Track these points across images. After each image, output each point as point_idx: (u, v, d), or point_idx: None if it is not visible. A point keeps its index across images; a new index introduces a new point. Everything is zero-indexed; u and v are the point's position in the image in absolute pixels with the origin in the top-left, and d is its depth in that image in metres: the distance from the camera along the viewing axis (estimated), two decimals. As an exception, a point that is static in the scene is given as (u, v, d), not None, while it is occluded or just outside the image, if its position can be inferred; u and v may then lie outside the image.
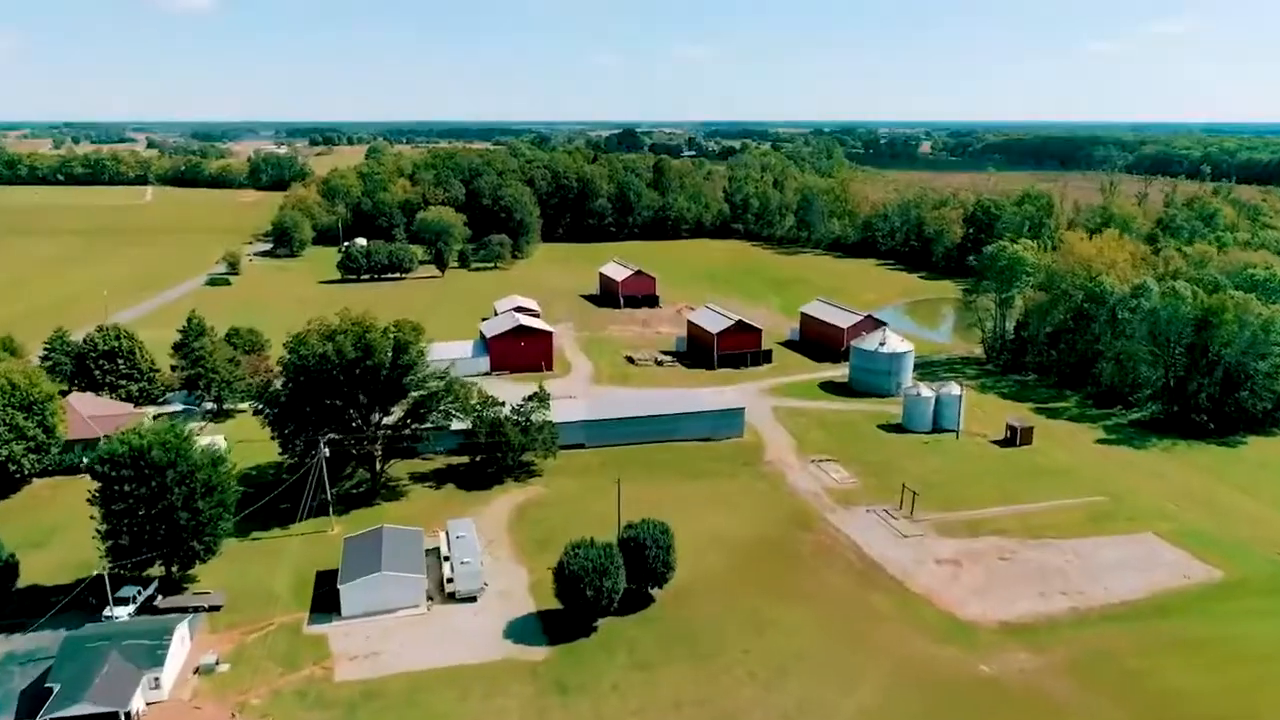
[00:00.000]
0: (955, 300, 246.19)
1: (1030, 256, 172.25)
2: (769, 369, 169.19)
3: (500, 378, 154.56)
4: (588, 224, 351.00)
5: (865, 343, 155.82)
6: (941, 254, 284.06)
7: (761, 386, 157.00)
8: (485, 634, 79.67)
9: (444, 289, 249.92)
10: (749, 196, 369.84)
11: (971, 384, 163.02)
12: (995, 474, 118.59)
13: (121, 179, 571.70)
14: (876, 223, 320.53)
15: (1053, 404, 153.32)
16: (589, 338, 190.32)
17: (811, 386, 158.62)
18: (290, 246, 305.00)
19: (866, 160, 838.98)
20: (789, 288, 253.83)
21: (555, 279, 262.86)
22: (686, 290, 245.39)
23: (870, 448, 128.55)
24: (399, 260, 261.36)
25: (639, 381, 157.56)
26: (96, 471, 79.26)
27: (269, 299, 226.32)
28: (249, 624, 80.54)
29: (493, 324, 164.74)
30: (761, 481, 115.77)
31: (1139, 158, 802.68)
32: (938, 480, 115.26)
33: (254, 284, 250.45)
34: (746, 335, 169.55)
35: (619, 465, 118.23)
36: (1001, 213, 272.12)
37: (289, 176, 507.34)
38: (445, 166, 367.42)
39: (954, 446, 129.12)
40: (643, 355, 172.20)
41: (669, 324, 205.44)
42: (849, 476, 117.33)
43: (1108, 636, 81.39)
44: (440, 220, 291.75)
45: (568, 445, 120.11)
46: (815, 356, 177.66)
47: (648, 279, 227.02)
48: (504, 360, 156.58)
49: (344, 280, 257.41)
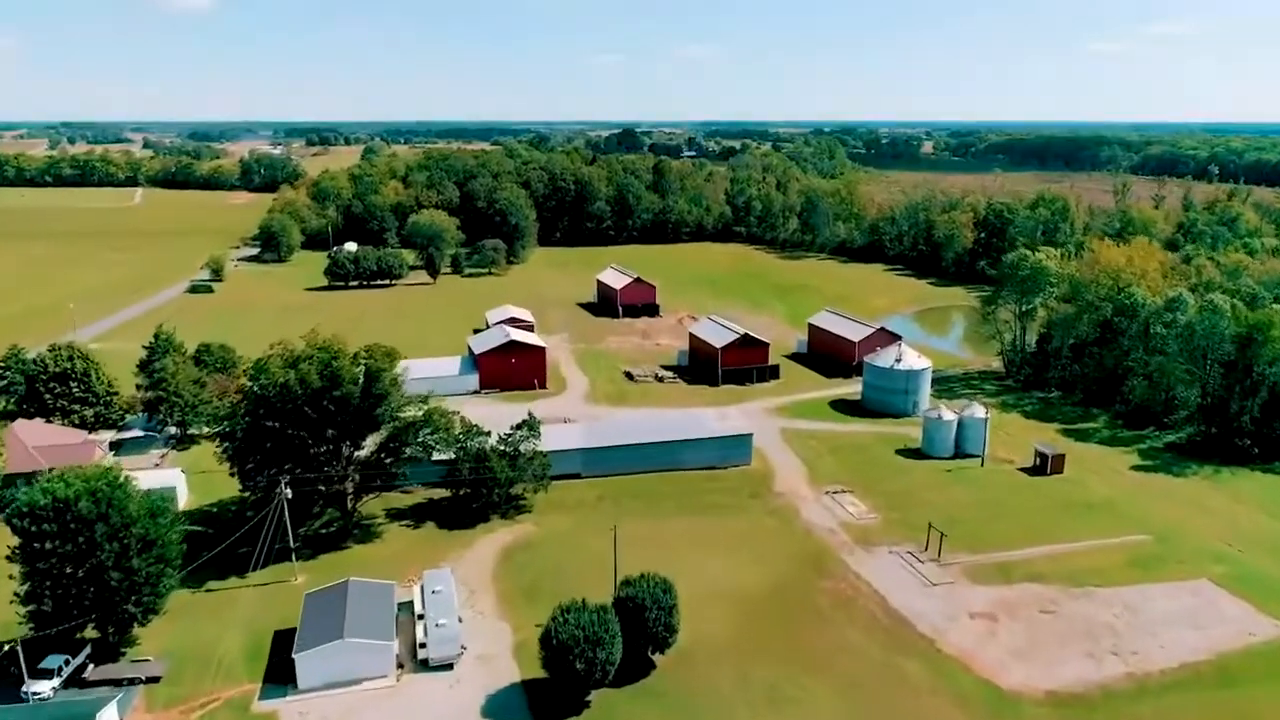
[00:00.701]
0: (968, 308, 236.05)
1: (1053, 265, 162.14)
2: (776, 385, 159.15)
3: (490, 397, 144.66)
4: (586, 227, 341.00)
5: (879, 359, 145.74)
6: (952, 259, 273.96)
7: (768, 405, 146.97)
8: (462, 711, 69.62)
9: (435, 296, 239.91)
10: (751, 199, 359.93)
11: (992, 402, 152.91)
12: (1026, 508, 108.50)
13: (111, 180, 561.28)
14: (884, 226, 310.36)
15: (1080, 424, 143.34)
16: (585, 350, 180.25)
17: (822, 406, 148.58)
18: (278, 251, 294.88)
19: (868, 161, 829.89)
20: (794, 295, 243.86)
21: (551, 286, 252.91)
22: (687, 297, 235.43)
23: (888, 476, 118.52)
24: (388, 266, 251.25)
25: (638, 400, 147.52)
26: (15, 526, 69.17)
27: (251, 307, 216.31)
28: (192, 699, 70.43)
29: (482, 338, 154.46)
30: (772, 517, 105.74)
31: (1144, 158, 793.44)
32: (964, 515, 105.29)
33: (237, 291, 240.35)
34: (752, 350, 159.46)
35: (617, 498, 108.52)
36: (1014, 217, 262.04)
37: (281, 178, 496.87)
38: (439, 168, 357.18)
39: (979, 475, 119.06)
40: (642, 371, 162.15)
41: (670, 335, 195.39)
42: (867, 511, 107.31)
43: (1172, 711, 71.41)
44: (433, 224, 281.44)
45: (562, 475, 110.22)
46: (825, 371, 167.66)
47: (647, 287, 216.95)
48: (494, 378, 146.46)
49: (331, 287, 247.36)
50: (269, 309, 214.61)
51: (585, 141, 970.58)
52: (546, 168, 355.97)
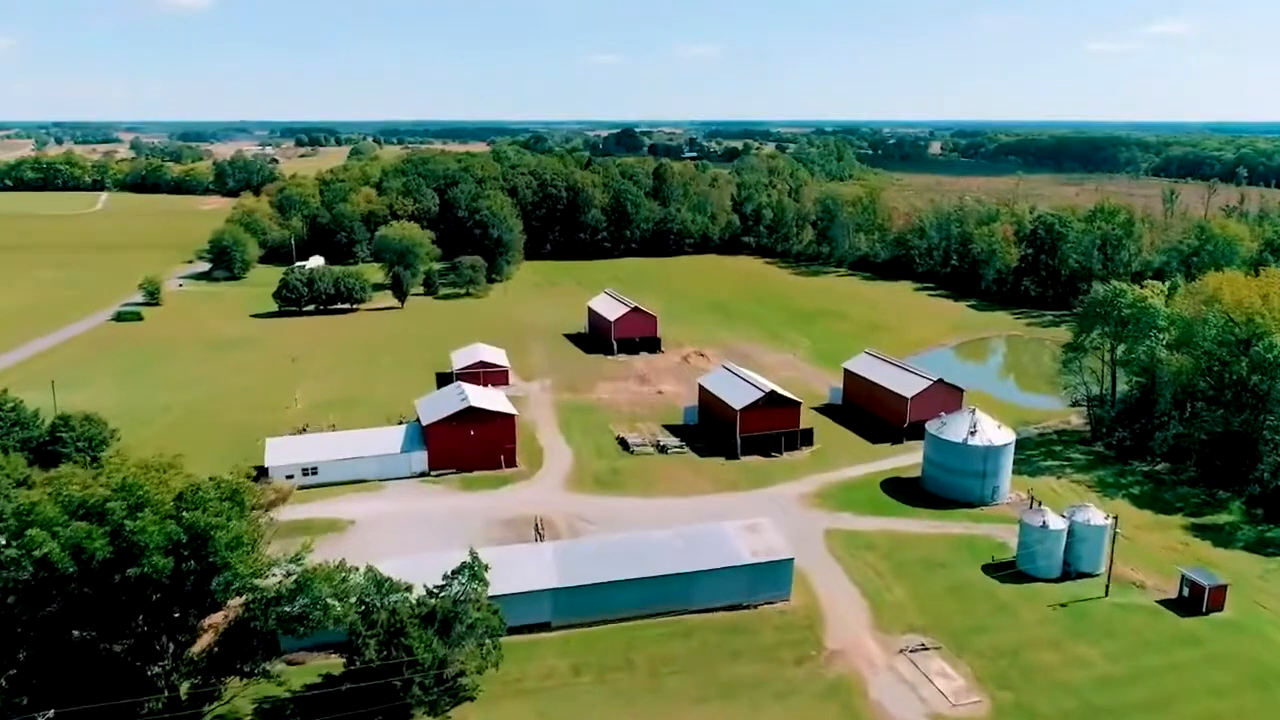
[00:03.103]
0: (1022, 340, 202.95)
1: (1160, 303, 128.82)
2: (810, 456, 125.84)
3: (441, 482, 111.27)
4: (579, 239, 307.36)
5: (947, 428, 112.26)
6: (993, 278, 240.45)
7: (804, 489, 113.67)
8: None
9: (401, 324, 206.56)
10: (761, 206, 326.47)
11: (1085, 479, 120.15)
12: (1198, 688, 74.76)
13: (77, 185, 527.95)
14: (911, 239, 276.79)
15: (1210, 515, 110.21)
16: (571, 403, 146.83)
17: (872, 488, 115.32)
18: (230, 268, 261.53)
19: (875, 162, 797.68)
20: (818, 323, 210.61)
21: (536, 310, 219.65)
22: (693, 325, 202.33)
23: (983, 617, 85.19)
24: (349, 288, 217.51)
25: (635, 484, 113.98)
26: None
27: (178, 343, 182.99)
28: None
29: (434, 402, 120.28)
30: (829, 700, 72.45)
31: (1165, 160, 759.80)
32: (1109, 702, 71.99)
33: (172, 319, 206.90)
34: (780, 411, 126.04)
35: (601, 670, 75.33)
36: (1068, 230, 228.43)
37: (256, 181, 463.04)
38: (416, 173, 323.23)
39: (1108, 616, 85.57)
40: (641, 439, 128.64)
41: (673, 379, 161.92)
42: (965, 688, 73.91)
43: None
44: (404, 237, 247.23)
45: (525, 626, 77.50)
46: (868, 433, 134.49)
47: (647, 318, 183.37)
48: (448, 455, 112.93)
49: (281, 313, 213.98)
50: (199, 345, 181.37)
51: (584, 142, 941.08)
52: (536, 172, 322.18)
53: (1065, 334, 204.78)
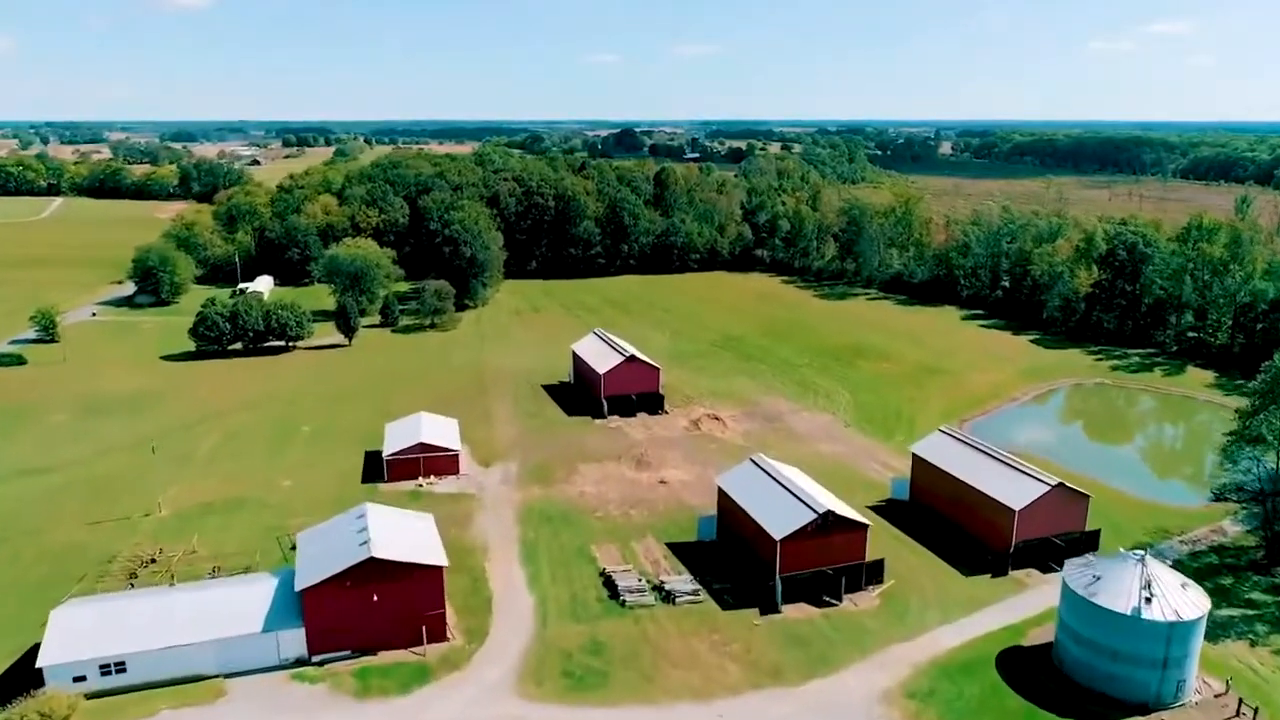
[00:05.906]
0: (1112, 389, 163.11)
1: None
2: (881, 604, 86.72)
3: (325, 682, 71.83)
4: (568, 254, 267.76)
5: (1100, 588, 73.24)
6: (1057, 306, 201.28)
7: (884, 680, 74.41)
8: None
9: (342, 370, 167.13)
10: (777, 216, 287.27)
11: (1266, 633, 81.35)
12: None
13: (31, 189, 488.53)
14: (955, 257, 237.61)
15: None
16: (541, 506, 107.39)
17: (985, 671, 76.18)
18: (158, 291, 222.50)
19: (885, 163, 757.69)
20: (855, 365, 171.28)
21: (511, 350, 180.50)
22: (702, 370, 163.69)
23: None
24: (283, 323, 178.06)
25: (627, 677, 74.48)
26: None
27: (52, 401, 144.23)
28: None
29: (322, 541, 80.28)
30: None
31: (1194, 161, 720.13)
32: None
33: (59, 365, 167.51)
34: (841, 537, 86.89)
35: None
36: (1153, 252, 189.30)
37: (223, 185, 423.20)
38: (385, 179, 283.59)
39: None
40: (636, 582, 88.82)
41: (682, 457, 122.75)
42: None
43: None
44: (357, 257, 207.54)
45: None
46: (952, 553, 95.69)
47: (647, 369, 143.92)
48: (337, 634, 73.64)
49: (199, 354, 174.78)
50: (72, 406, 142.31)
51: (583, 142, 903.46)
52: (520, 178, 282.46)
53: (1160, 380, 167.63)
